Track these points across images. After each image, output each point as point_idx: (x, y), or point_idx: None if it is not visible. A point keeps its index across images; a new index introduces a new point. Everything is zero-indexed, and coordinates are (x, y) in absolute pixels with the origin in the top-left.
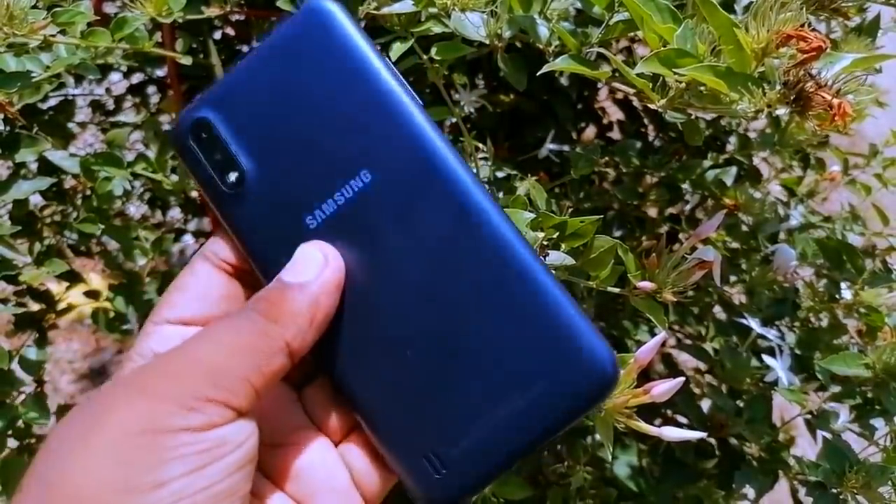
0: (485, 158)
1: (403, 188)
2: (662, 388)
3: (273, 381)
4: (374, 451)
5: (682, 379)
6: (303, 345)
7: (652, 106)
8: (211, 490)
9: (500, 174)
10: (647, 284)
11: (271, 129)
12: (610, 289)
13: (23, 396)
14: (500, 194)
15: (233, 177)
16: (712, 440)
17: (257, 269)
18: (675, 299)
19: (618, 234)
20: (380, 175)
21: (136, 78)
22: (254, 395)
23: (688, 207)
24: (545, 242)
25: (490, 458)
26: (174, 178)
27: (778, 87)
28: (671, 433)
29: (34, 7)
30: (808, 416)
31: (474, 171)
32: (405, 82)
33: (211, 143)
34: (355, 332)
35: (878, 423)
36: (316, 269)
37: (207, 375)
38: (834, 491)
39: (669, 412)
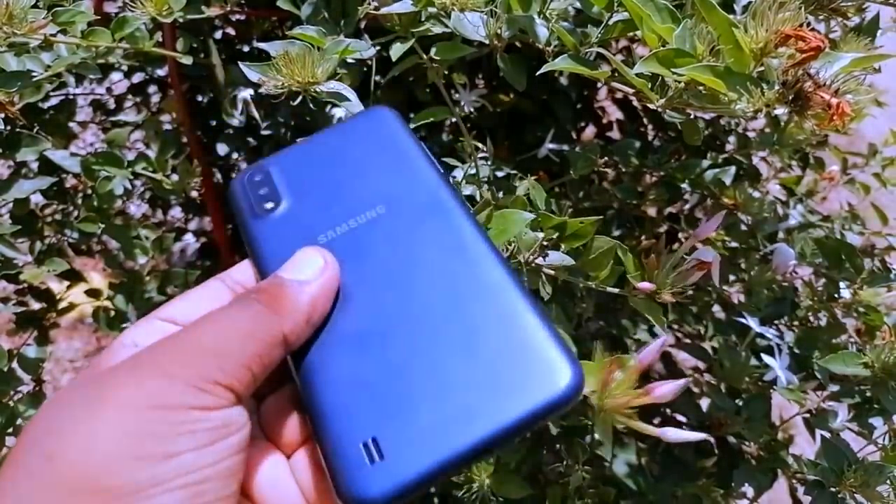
0: (484, 158)
1: (409, 217)
2: (664, 390)
3: (267, 372)
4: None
5: (686, 381)
6: (297, 340)
7: (651, 105)
8: (217, 467)
9: (499, 174)
10: (646, 286)
11: (314, 179)
12: (609, 289)
13: (20, 395)
14: (500, 194)
15: (268, 205)
16: (711, 439)
17: (262, 274)
18: (674, 300)
19: (617, 233)
20: (392, 208)
21: (137, 77)
22: (252, 382)
23: (687, 207)
24: (545, 242)
25: (434, 454)
26: (174, 177)
27: (777, 87)
28: (671, 434)
29: (34, 6)
30: (807, 415)
31: (465, 202)
32: (441, 170)
33: (261, 183)
34: (332, 332)
35: (876, 421)
36: (316, 269)
37: (215, 359)
38: (832, 489)
39: (669, 411)
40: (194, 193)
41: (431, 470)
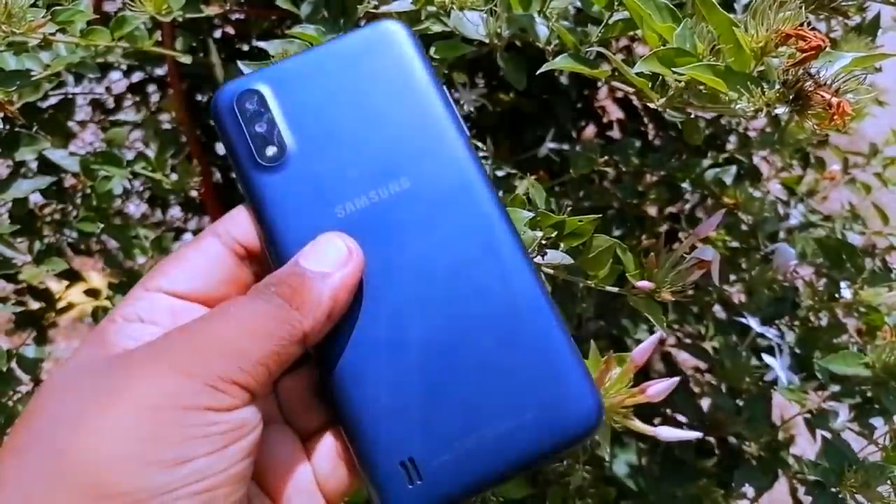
0: (485, 157)
1: (438, 204)
2: (658, 388)
3: (283, 368)
4: (341, 452)
5: (678, 379)
6: (317, 336)
7: (651, 105)
8: (228, 472)
9: (499, 173)
10: (645, 284)
11: (321, 117)
12: (609, 288)
13: (19, 395)
14: (500, 193)
15: (271, 151)
16: (712, 439)
17: (271, 245)
18: (674, 298)
19: (617, 232)
20: (418, 186)
21: (136, 76)
22: (268, 380)
23: (687, 206)
24: (544, 241)
25: (467, 477)
26: (174, 176)
27: (777, 86)
28: (667, 433)
29: (33, 5)
30: (808, 415)
31: (502, 203)
32: (455, 108)
33: (257, 113)
34: (358, 329)
35: (877, 422)
36: (339, 260)
37: (233, 357)
38: (833, 490)
39: (669, 411)
40: (193, 193)
41: (466, 493)
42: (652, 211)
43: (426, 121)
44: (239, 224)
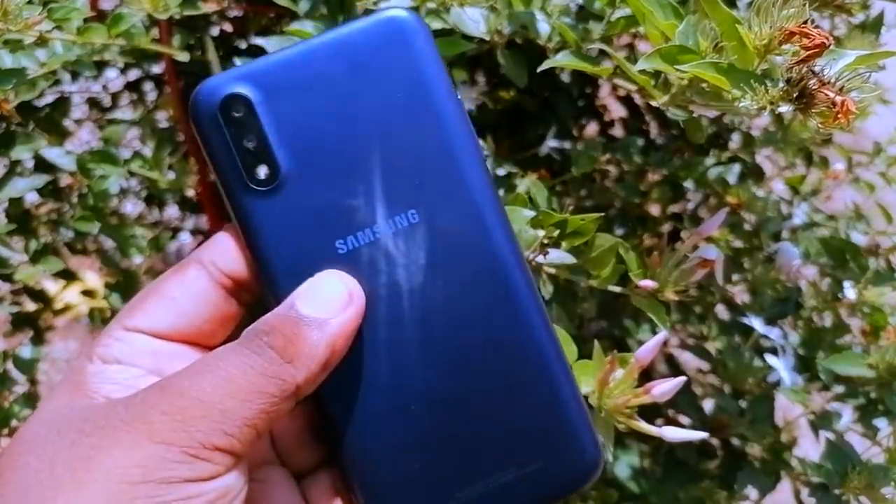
0: (485, 156)
1: (448, 244)
2: (663, 389)
3: (271, 426)
4: (336, 491)
5: (683, 379)
6: (311, 388)
7: (654, 103)
8: None
9: (500, 171)
10: (648, 283)
11: (320, 131)
12: (611, 288)
13: (15, 396)
14: (501, 192)
15: (263, 172)
16: (714, 440)
17: (265, 280)
18: (677, 298)
19: (619, 232)
20: (428, 221)
21: (133, 75)
22: (255, 441)
23: (690, 206)
24: (546, 240)
25: None
26: (171, 175)
27: (781, 85)
28: (671, 434)
29: (29, 3)
30: (811, 417)
31: (516, 241)
32: (471, 126)
33: (246, 125)
34: (357, 374)
35: (881, 423)
36: (338, 305)
37: (217, 420)
38: (836, 492)
39: (671, 412)
40: (191, 192)
41: None
42: (654, 210)
43: (440, 140)
44: (225, 253)
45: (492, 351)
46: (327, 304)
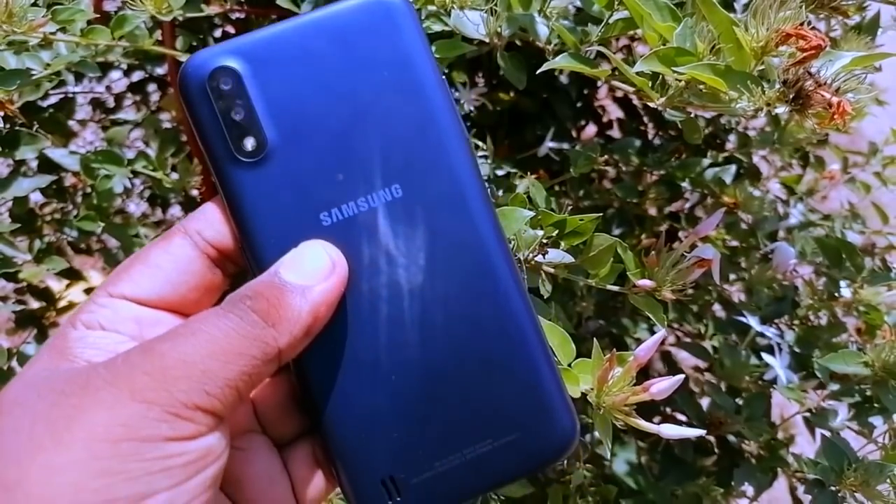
0: (485, 156)
1: (430, 217)
2: (662, 386)
3: (254, 388)
4: (317, 461)
5: (681, 377)
6: (293, 353)
7: (651, 104)
8: None
9: (499, 172)
10: (646, 282)
11: (306, 106)
12: (609, 287)
13: None
14: (500, 192)
15: (250, 144)
16: (711, 438)
17: (248, 248)
18: (675, 297)
19: (617, 232)
20: (411, 195)
21: (137, 76)
22: (237, 402)
23: (687, 205)
24: (544, 240)
25: (446, 495)
26: (174, 175)
27: (777, 86)
28: (669, 431)
29: (34, 4)
30: (807, 414)
31: (497, 217)
32: (455, 104)
33: (233, 98)
34: (339, 344)
35: (876, 420)
36: (321, 273)
37: (199, 380)
38: (832, 489)
39: (669, 410)
40: (194, 192)
41: None
42: (652, 210)
43: (424, 117)
44: (212, 223)
45: (471, 324)
46: (311, 271)
